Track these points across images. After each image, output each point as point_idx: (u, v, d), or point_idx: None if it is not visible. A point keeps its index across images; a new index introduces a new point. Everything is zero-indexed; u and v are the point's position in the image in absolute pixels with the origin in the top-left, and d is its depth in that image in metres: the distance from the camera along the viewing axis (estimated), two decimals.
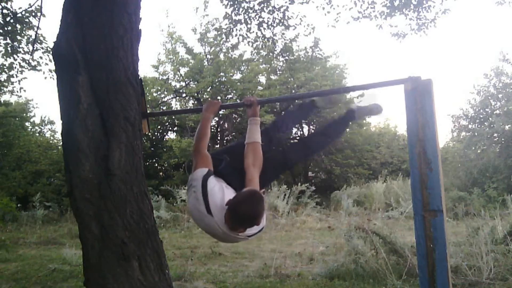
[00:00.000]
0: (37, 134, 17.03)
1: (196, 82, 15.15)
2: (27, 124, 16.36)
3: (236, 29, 6.91)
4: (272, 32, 7.02)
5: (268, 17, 6.72)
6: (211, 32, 14.90)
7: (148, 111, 2.77)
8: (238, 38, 7.14)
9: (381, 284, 4.24)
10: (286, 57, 9.25)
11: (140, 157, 2.50)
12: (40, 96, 33.25)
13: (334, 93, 2.81)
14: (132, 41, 2.51)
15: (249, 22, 6.74)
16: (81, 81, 2.37)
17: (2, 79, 7.57)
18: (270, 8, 6.59)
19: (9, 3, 6.24)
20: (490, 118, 14.52)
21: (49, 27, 14.31)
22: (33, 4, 6.25)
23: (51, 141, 15.39)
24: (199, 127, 2.49)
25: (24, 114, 15.92)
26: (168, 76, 16.01)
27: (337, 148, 17.01)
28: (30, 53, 7.01)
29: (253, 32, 6.93)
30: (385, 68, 36.60)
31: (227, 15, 6.71)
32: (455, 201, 10.37)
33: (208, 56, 15.43)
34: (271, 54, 8.81)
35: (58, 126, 20.28)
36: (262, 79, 16.79)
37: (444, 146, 17.96)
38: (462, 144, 15.61)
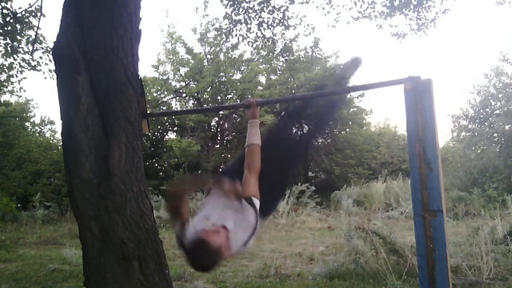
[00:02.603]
0: (37, 134, 17.00)
1: (196, 82, 15.14)
2: (27, 124, 16.33)
3: (236, 29, 6.90)
4: (272, 32, 7.02)
5: (268, 17, 6.72)
6: (211, 32, 14.90)
7: (148, 111, 2.76)
8: (238, 38, 7.14)
9: (381, 284, 4.24)
10: (286, 57, 9.24)
11: (140, 157, 2.50)
12: (40, 96, 33.22)
13: (334, 93, 2.77)
14: (132, 41, 2.51)
15: (249, 22, 6.74)
16: (81, 81, 2.37)
17: (2, 79, 7.57)
18: (270, 8, 6.59)
19: (9, 3, 6.25)
20: (490, 118, 14.52)
21: (49, 27, 14.33)
22: (33, 4, 6.26)
23: (51, 141, 15.37)
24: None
25: (24, 114, 15.90)
26: (168, 76, 16.01)
27: (337, 148, 17.00)
28: (30, 53, 7.01)
29: (253, 32, 6.93)
30: (385, 68, 36.58)
31: (227, 15, 6.71)
32: (455, 201, 10.36)
33: (208, 56, 15.43)
34: (271, 54, 8.81)
35: (58, 126, 20.26)
36: (262, 79, 16.79)
37: (444, 146, 17.96)
38: (462, 144, 15.61)
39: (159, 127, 16.47)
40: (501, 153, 13.48)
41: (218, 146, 15.97)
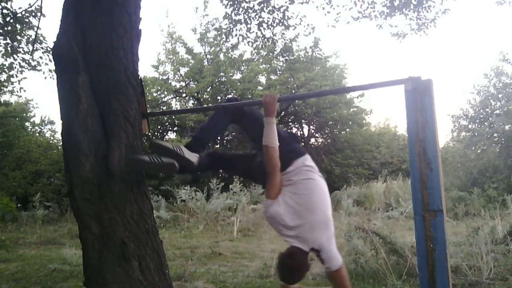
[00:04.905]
0: (37, 134, 17.03)
1: (196, 82, 15.15)
2: (27, 124, 16.36)
3: (236, 29, 6.90)
4: (272, 32, 7.02)
5: (268, 17, 6.72)
6: (211, 32, 14.92)
7: (148, 111, 2.77)
8: (238, 38, 7.13)
9: (381, 284, 4.23)
10: (286, 57, 9.22)
11: None
12: (40, 96, 33.27)
13: (334, 93, 2.78)
14: (132, 41, 2.51)
15: (249, 22, 6.73)
16: (81, 81, 2.37)
17: (2, 79, 7.57)
18: (270, 8, 6.58)
19: (9, 3, 6.24)
20: (490, 118, 14.53)
21: (49, 27, 14.31)
22: (33, 4, 6.26)
23: (51, 141, 15.38)
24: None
25: (24, 114, 15.92)
26: (168, 76, 16.02)
27: (337, 148, 17.00)
28: (30, 53, 7.01)
29: (253, 32, 6.93)
30: (385, 68, 36.65)
31: (227, 15, 6.71)
32: (455, 201, 10.36)
33: (208, 56, 15.43)
34: (271, 54, 8.81)
35: (58, 126, 20.30)
36: (262, 79, 16.80)
37: (444, 146, 17.96)
38: (462, 144, 15.61)
39: (159, 127, 16.47)
40: (501, 153, 13.48)
41: (218, 146, 15.97)
